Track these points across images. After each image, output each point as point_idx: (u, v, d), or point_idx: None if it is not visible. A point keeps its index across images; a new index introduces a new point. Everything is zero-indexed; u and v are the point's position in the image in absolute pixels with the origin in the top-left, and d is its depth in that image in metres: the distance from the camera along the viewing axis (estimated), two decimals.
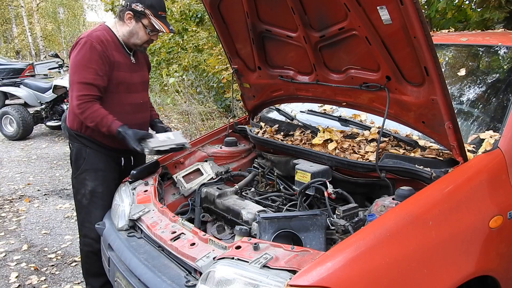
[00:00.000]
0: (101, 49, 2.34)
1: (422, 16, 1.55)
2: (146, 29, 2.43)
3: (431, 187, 1.69)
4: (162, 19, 2.43)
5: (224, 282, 1.46)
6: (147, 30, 2.44)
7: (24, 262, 3.48)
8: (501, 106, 2.06)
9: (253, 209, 2.10)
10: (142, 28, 2.43)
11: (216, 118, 7.84)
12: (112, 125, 2.34)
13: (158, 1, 2.43)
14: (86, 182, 2.50)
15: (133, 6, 2.40)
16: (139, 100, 2.58)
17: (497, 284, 1.76)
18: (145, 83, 2.67)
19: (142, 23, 2.42)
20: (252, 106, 2.91)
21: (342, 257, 1.43)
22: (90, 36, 2.37)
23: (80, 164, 2.51)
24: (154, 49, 11.22)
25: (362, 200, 2.18)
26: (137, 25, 2.43)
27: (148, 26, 2.42)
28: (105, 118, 2.34)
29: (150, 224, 2.05)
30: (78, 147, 2.52)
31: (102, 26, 2.51)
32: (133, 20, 2.43)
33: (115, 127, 2.34)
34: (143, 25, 2.42)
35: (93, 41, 2.33)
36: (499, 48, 2.45)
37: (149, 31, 2.44)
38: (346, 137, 2.35)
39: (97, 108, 2.34)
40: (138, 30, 2.44)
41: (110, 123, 2.34)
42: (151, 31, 2.44)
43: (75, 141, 2.54)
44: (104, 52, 2.35)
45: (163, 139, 2.37)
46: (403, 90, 1.91)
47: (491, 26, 4.61)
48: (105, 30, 2.46)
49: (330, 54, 2.16)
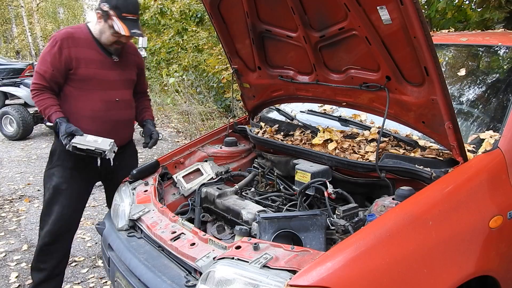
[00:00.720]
0: (62, 45, 2.38)
1: (422, 16, 1.55)
2: (110, 29, 2.40)
3: (431, 187, 1.69)
4: (126, 21, 2.38)
5: (224, 282, 1.46)
6: (111, 31, 2.41)
7: (24, 262, 3.48)
8: (501, 106, 2.06)
9: (253, 209, 2.10)
10: (108, 29, 2.41)
11: (216, 118, 7.84)
12: (52, 116, 2.39)
13: (124, 3, 2.39)
14: (53, 177, 2.52)
15: (101, 5, 2.41)
16: (114, 98, 2.54)
17: (497, 284, 1.76)
18: (128, 82, 2.64)
19: (108, 24, 2.40)
20: (252, 106, 2.91)
21: (342, 257, 1.43)
22: (59, 32, 2.45)
23: (53, 159, 2.55)
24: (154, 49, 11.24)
25: (362, 200, 2.18)
26: (105, 24, 2.41)
27: (111, 27, 2.39)
28: (48, 108, 2.40)
29: (150, 224, 2.05)
30: (55, 143, 2.57)
31: (82, 24, 2.56)
32: (102, 19, 2.42)
33: (54, 117, 2.39)
34: (109, 25, 2.40)
35: (57, 37, 2.41)
36: (499, 48, 2.45)
37: (112, 32, 2.41)
38: (346, 137, 2.35)
39: (46, 97, 2.41)
40: (105, 30, 2.42)
41: (51, 113, 2.39)
42: (113, 32, 2.40)
43: (55, 136, 2.56)
44: (66, 48, 2.38)
45: (89, 140, 2.35)
46: (403, 90, 1.91)
47: (491, 26, 4.62)
48: (81, 27, 2.50)
49: (330, 54, 2.16)
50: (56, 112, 2.40)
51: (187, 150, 2.73)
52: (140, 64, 2.75)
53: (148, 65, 12.89)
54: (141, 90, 2.84)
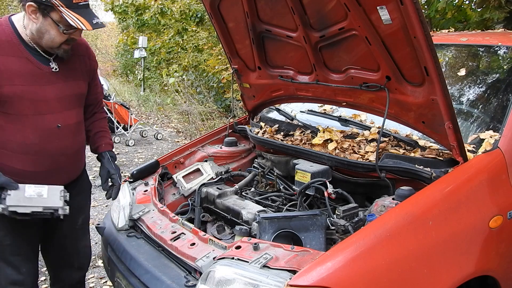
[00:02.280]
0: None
1: (422, 16, 1.55)
2: (58, 26, 1.75)
3: (431, 187, 1.69)
4: (80, 10, 1.74)
5: (224, 282, 1.46)
6: (60, 28, 1.75)
7: None
8: (501, 106, 2.06)
9: (253, 209, 2.10)
10: (53, 25, 1.75)
11: (216, 118, 7.84)
12: None
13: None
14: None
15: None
16: (55, 124, 1.86)
17: (497, 284, 1.76)
18: (75, 99, 1.94)
19: (52, 19, 1.74)
20: (252, 106, 2.91)
21: (342, 257, 1.43)
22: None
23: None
24: (154, 49, 11.26)
25: (362, 200, 2.18)
26: (46, 21, 1.74)
27: (60, 23, 1.74)
28: None
29: (150, 224, 2.05)
30: None
31: (3, 19, 1.84)
32: (38, 14, 1.74)
33: None
34: (53, 21, 1.74)
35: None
36: (499, 48, 2.45)
37: (63, 29, 1.76)
38: (346, 137, 2.35)
39: None
40: (49, 28, 1.75)
41: None
42: (65, 29, 1.76)
43: None
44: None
45: (30, 195, 1.77)
46: (403, 90, 1.91)
47: (491, 26, 4.62)
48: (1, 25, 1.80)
49: (330, 54, 2.16)
50: None
51: (187, 150, 2.73)
52: (93, 68, 2.05)
53: (148, 65, 12.91)
54: (92, 101, 2.12)
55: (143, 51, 11.21)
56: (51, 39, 1.78)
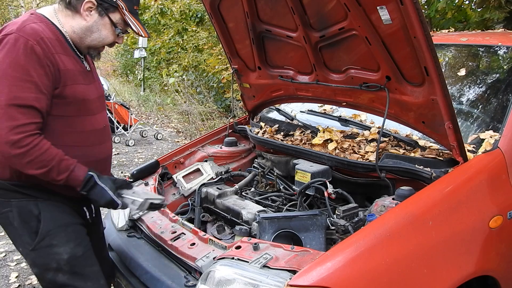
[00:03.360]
0: (43, 52, 1.56)
1: (422, 16, 1.55)
2: (114, 27, 1.73)
3: (431, 187, 1.69)
4: (136, 17, 1.77)
5: (224, 282, 1.46)
6: (116, 30, 1.74)
7: (24, 262, 3.48)
8: (501, 106, 2.06)
9: (253, 209, 2.10)
10: (109, 26, 1.71)
11: (216, 118, 7.84)
12: (77, 170, 1.61)
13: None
14: (55, 250, 1.67)
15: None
16: (102, 124, 1.83)
17: (497, 284, 1.76)
18: (103, 98, 1.90)
19: (110, 19, 1.70)
20: (252, 106, 2.91)
21: (342, 257, 1.43)
22: (23, 31, 1.54)
23: (33, 227, 1.66)
24: (154, 49, 11.26)
25: (362, 200, 2.18)
26: (101, 20, 1.70)
27: (118, 24, 1.73)
28: (65, 161, 1.59)
29: (150, 224, 2.05)
30: (21, 205, 1.66)
31: (37, 16, 1.65)
32: (94, 12, 1.68)
33: (83, 172, 1.63)
34: (111, 21, 1.71)
35: (30, 39, 1.53)
36: (499, 48, 2.45)
37: (119, 32, 1.75)
38: (346, 137, 2.35)
39: (47, 145, 1.56)
40: (102, 27, 1.70)
41: (73, 166, 1.61)
42: (121, 32, 1.76)
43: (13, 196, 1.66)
44: (48, 57, 1.57)
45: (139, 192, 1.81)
46: (403, 90, 1.91)
47: (491, 26, 4.62)
48: (43, 22, 1.64)
49: (330, 54, 2.16)
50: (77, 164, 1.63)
51: (187, 150, 2.73)
52: None
53: (148, 65, 12.91)
54: None
55: (143, 51, 11.22)
56: (100, 39, 1.73)
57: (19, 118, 1.49)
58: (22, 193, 1.66)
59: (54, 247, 1.67)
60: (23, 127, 1.50)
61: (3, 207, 1.67)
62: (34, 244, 1.66)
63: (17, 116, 1.49)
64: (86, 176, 1.63)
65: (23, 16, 1.64)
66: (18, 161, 1.52)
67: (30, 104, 1.51)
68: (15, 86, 1.50)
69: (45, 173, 1.56)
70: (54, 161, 1.56)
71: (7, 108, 1.48)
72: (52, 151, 1.57)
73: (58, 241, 1.68)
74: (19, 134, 1.49)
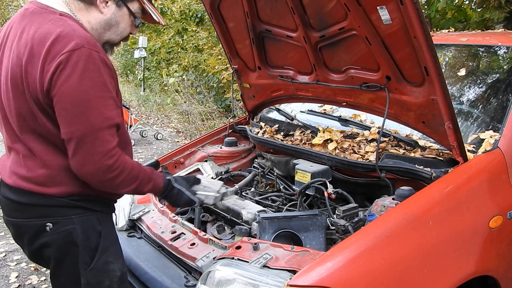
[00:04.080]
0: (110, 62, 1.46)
1: (422, 16, 1.55)
2: (132, 18, 1.60)
3: (431, 187, 1.69)
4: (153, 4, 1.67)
5: (224, 282, 1.46)
6: (136, 21, 1.61)
7: (24, 262, 3.48)
8: (501, 106, 2.06)
9: (253, 209, 2.10)
10: (127, 17, 1.58)
11: (216, 118, 7.84)
12: (156, 177, 1.59)
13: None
14: (111, 267, 1.57)
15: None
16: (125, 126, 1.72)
17: (497, 284, 1.76)
18: None
19: (129, 9, 1.57)
20: (252, 106, 2.91)
21: (342, 257, 1.43)
22: (89, 43, 1.39)
23: (94, 244, 1.53)
24: (154, 49, 11.25)
25: (362, 200, 2.18)
26: (119, 11, 1.55)
27: (137, 14, 1.60)
28: (144, 171, 1.54)
29: (150, 224, 2.05)
30: (83, 220, 1.53)
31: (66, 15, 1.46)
32: (111, 3, 1.53)
33: (161, 178, 1.61)
34: (130, 12, 1.58)
35: (98, 51, 1.41)
36: (499, 48, 2.45)
37: (139, 22, 1.62)
38: (346, 137, 2.35)
39: (130, 160, 1.50)
40: (120, 19, 1.57)
41: (152, 174, 1.58)
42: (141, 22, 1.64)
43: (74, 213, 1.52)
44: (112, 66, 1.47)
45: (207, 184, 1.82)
46: (403, 90, 1.91)
47: (491, 26, 4.62)
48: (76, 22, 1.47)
49: (330, 54, 2.16)
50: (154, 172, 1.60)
51: (187, 150, 2.73)
52: None
53: (148, 65, 12.90)
54: None
55: (143, 51, 11.21)
56: (119, 32, 1.59)
57: (110, 140, 1.40)
58: (83, 207, 1.53)
59: (110, 264, 1.57)
60: (114, 149, 1.41)
61: (63, 225, 1.50)
62: (93, 263, 1.52)
63: (108, 138, 1.39)
64: (165, 181, 1.61)
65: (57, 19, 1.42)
66: (111, 183, 1.44)
67: (115, 123, 1.42)
68: (102, 107, 1.38)
69: (134, 188, 1.51)
70: (140, 174, 1.51)
71: (99, 132, 1.37)
72: (134, 163, 1.50)
73: (113, 258, 1.58)
74: (112, 158, 1.40)
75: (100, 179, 1.43)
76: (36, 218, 1.52)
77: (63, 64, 1.33)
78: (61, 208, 1.51)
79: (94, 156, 1.38)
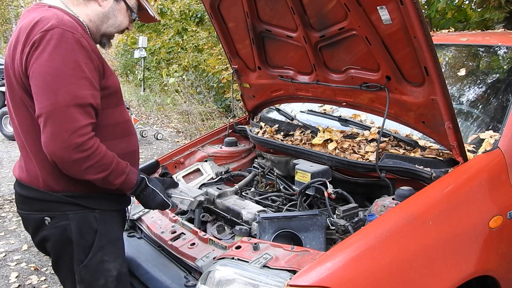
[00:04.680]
0: (89, 44, 1.47)
1: (422, 16, 1.55)
2: (131, 12, 1.67)
3: (431, 187, 1.69)
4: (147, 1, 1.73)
5: (224, 282, 1.46)
6: (132, 15, 1.68)
7: (24, 262, 3.48)
8: (501, 106, 2.06)
9: (253, 209, 2.10)
10: (124, 11, 1.65)
11: (216, 118, 7.84)
12: (131, 173, 1.55)
13: None
14: (106, 266, 1.58)
15: None
16: (128, 115, 1.74)
17: (497, 284, 1.76)
18: None
19: (126, 3, 1.64)
20: (252, 106, 2.91)
21: (342, 257, 1.43)
22: (65, 25, 1.42)
23: (89, 241, 1.56)
24: (154, 49, 11.25)
25: (362, 200, 2.18)
26: (117, 5, 1.62)
27: (134, 8, 1.67)
28: (120, 163, 1.51)
29: (150, 224, 2.05)
30: (79, 217, 1.55)
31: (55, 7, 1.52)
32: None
33: (135, 175, 1.57)
34: (127, 6, 1.64)
35: (74, 32, 1.42)
36: (499, 48, 2.45)
37: (135, 16, 1.69)
38: (346, 137, 2.35)
39: (104, 148, 1.47)
40: (118, 13, 1.63)
41: (128, 169, 1.54)
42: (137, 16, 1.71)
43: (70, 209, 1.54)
44: (92, 49, 1.49)
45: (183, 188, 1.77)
46: (403, 90, 1.91)
47: (491, 26, 4.62)
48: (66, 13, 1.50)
49: (330, 54, 2.16)
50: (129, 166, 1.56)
51: (187, 150, 2.73)
52: None
53: (148, 65, 12.91)
54: None
55: (143, 51, 11.21)
56: (116, 25, 1.64)
57: (80, 119, 1.38)
58: (79, 204, 1.54)
59: (105, 263, 1.58)
60: (84, 128, 1.38)
61: (59, 220, 1.54)
62: (87, 260, 1.55)
63: (77, 117, 1.37)
64: (138, 178, 1.56)
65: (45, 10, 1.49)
66: (77, 166, 1.40)
67: (88, 102, 1.41)
68: (72, 85, 1.38)
69: (103, 178, 1.46)
70: (113, 164, 1.47)
71: (67, 109, 1.36)
72: (109, 153, 1.47)
73: (109, 257, 1.59)
74: (82, 137, 1.37)
75: (66, 159, 1.38)
76: (36, 211, 1.57)
77: (36, 43, 1.38)
78: (57, 204, 1.54)
79: (61, 134, 1.36)
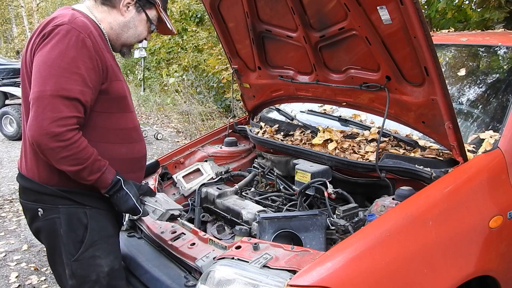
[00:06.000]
0: (93, 46, 1.54)
1: (422, 16, 1.55)
2: (149, 24, 1.76)
3: (431, 187, 1.69)
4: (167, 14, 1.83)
5: (224, 282, 1.46)
6: (152, 27, 1.77)
7: (24, 262, 3.48)
8: (501, 106, 2.06)
9: (253, 209, 2.10)
10: (144, 22, 1.74)
11: (216, 118, 7.84)
12: (107, 172, 1.57)
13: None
14: (97, 262, 1.63)
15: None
16: (137, 122, 1.82)
17: (497, 284, 1.76)
18: None
19: (147, 15, 1.74)
20: (252, 106, 2.91)
21: (342, 257, 1.43)
22: (75, 23, 1.51)
23: (80, 236, 1.61)
24: (154, 49, 11.25)
25: (362, 200, 2.18)
26: (138, 16, 1.72)
27: (154, 21, 1.77)
28: (98, 161, 1.55)
29: (150, 224, 2.05)
30: (70, 212, 1.61)
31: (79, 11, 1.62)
32: (132, 8, 1.70)
33: (111, 175, 1.59)
34: (148, 18, 1.74)
35: (81, 31, 1.51)
36: (499, 48, 2.45)
37: (154, 28, 1.78)
38: (346, 137, 2.35)
39: (85, 143, 1.51)
40: (138, 23, 1.73)
41: (105, 168, 1.57)
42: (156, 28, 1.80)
43: (62, 203, 1.61)
44: (97, 51, 1.55)
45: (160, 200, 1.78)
46: (403, 90, 1.91)
47: (491, 26, 4.62)
48: (86, 17, 1.61)
49: (330, 54, 2.16)
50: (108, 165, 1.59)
51: (187, 150, 2.73)
52: None
53: (148, 65, 12.90)
54: None
55: (143, 51, 11.20)
56: (136, 35, 1.75)
57: (63, 110, 1.44)
58: (71, 199, 1.61)
59: (97, 258, 1.63)
60: (66, 119, 1.45)
61: (50, 213, 1.61)
62: (78, 254, 1.61)
63: (61, 108, 1.44)
64: (114, 179, 1.59)
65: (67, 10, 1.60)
66: (54, 154, 1.46)
67: (75, 97, 1.46)
68: (62, 77, 1.45)
69: (77, 171, 1.51)
70: (90, 160, 1.51)
71: (51, 98, 1.43)
72: (89, 149, 1.52)
73: (101, 252, 1.63)
74: (62, 127, 1.43)
75: (43, 146, 1.45)
76: (32, 202, 1.66)
77: (46, 35, 1.50)
78: (50, 197, 1.61)
79: (43, 120, 1.43)
